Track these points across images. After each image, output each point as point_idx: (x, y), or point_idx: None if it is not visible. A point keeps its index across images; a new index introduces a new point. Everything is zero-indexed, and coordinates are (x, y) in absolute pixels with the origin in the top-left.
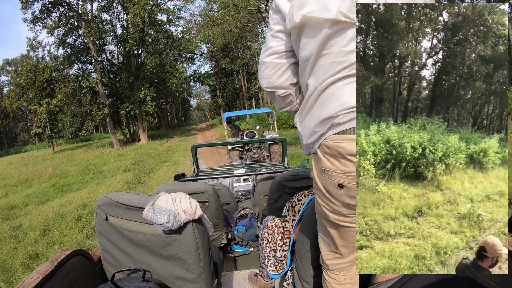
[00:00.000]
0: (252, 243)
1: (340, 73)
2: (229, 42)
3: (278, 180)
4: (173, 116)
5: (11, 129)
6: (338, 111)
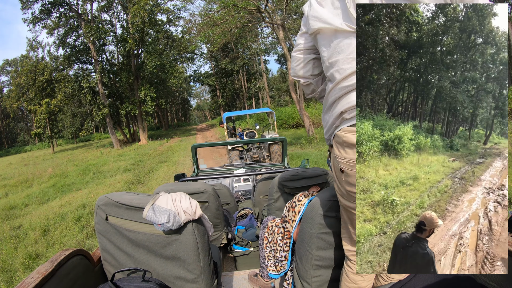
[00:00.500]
0: (252, 243)
1: (349, 77)
2: (229, 42)
3: (278, 180)
4: (173, 116)
5: (11, 129)
6: (346, 108)
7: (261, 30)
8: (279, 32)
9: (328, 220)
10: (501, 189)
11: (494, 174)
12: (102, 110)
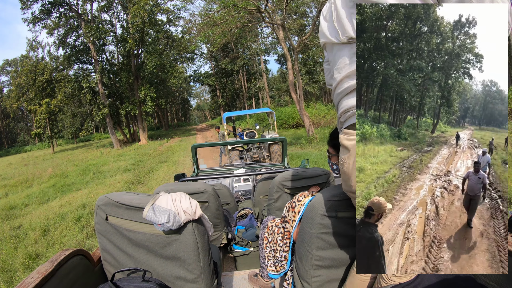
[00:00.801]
0: (252, 243)
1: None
2: (229, 42)
3: (278, 180)
4: (173, 116)
5: (11, 130)
6: (340, 112)
7: (261, 30)
8: (279, 32)
9: (328, 220)
10: (447, 175)
11: (441, 161)
12: (102, 110)
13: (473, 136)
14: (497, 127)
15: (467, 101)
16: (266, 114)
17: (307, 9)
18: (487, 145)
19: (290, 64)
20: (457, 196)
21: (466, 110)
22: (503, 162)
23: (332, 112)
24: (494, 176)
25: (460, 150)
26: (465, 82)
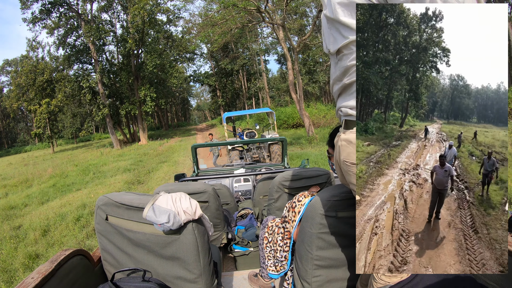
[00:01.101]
0: (252, 243)
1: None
2: (229, 42)
3: (278, 180)
4: (173, 116)
5: (11, 130)
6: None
7: (261, 30)
8: (279, 32)
9: (328, 220)
10: (416, 169)
11: (410, 155)
12: (102, 110)
13: (441, 129)
14: (464, 120)
15: (435, 95)
16: (266, 114)
17: (307, 9)
18: (455, 138)
19: (290, 64)
20: (425, 189)
21: (435, 104)
22: (470, 154)
23: (332, 112)
24: (462, 168)
25: (429, 143)
26: (433, 76)
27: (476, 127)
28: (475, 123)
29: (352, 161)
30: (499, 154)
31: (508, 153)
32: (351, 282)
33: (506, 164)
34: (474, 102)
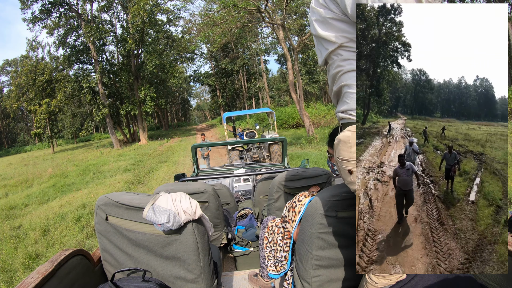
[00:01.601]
0: (252, 243)
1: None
2: (229, 42)
3: (278, 180)
4: (173, 116)
5: (11, 130)
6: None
7: (261, 30)
8: (279, 32)
9: (329, 219)
10: (381, 166)
11: (374, 153)
12: (102, 110)
13: (406, 125)
14: (428, 115)
15: (398, 90)
16: (266, 114)
17: (307, 9)
18: (420, 134)
19: (290, 64)
20: (391, 186)
21: (398, 99)
22: (435, 148)
23: (332, 112)
24: (427, 163)
25: (393, 140)
26: (394, 71)
27: (440, 122)
28: (439, 118)
29: (343, 158)
30: (462, 147)
31: (508, 153)
32: (351, 282)
33: (469, 157)
34: (437, 97)
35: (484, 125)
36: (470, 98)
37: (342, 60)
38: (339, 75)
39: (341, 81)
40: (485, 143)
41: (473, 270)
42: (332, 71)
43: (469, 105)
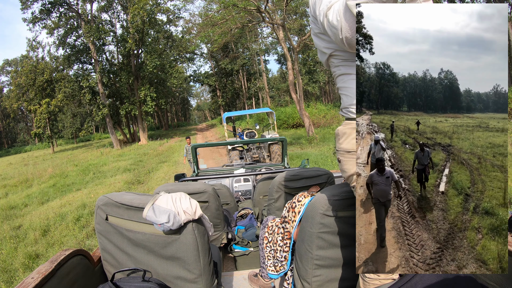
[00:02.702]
0: (252, 243)
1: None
2: (229, 42)
3: (278, 180)
4: (173, 116)
5: (11, 130)
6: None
7: (261, 30)
8: (279, 32)
9: (328, 219)
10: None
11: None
12: (102, 110)
13: (372, 120)
14: (395, 110)
15: (362, 84)
16: (266, 114)
17: (307, 9)
18: (387, 129)
19: (290, 64)
20: (359, 184)
21: (362, 94)
22: (403, 143)
23: (332, 112)
24: (396, 157)
25: (360, 136)
26: (357, 65)
27: (407, 115)
28: (406, 112)
29: (336, 148)
30: (430, 139)
31: (508, 153)
32: (351, 282)
33: (437, 149)
34: (402, 91)
35: (451, 117)
36: (436, 91)
37: (334, 67)
38: (335, 79)
39: (337, 84)
40: (452, 135)
41: (445, 258)
42: (333, 74)
43: (435, 98)
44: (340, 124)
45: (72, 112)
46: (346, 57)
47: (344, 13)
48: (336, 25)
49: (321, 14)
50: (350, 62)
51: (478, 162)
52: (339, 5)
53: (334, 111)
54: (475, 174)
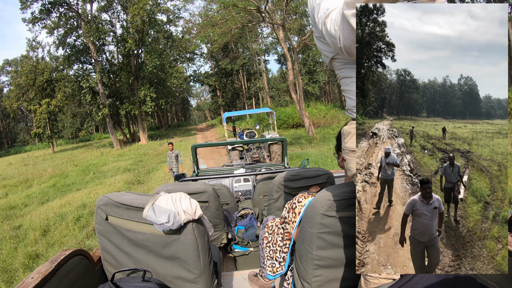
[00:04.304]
0: (252, 243)
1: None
2: (229, 42)
3: (278, 180)
4: (173, 116)
5: (11, 130)
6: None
7: (261, 30)
8: (279, 32)
9: (329, 219)
10: (368, 168)
11: (361, 154)
12: (102, 110)
13: (392, 125)
14: (414, 115)
15: (383, 91)
16: (266, 114)
17: (307, 9)
18: (406, 134)
19: (290, 64)
20: (379, 188)
21: (383, 100)
22: (422, 148)
23: (332, 112)
24: (415, 163)
25: (380, 141)
26: (379, 72)
27: (426, 121)
28: (425, 117)
29: (342, 148)
30: (449, 145)
31: (508, 153)
32: (351, 282)
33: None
34: (422, 97)
35: (470, 123)
36: (455, 97)
37: (337, 69)
38: (339, 81)
39: (341, 85)
40: (471, 141)
41: (464, 267)
42: (337, 76)
43: (454, 104)
44: (341, 124)
45: (72, 112)
46: (347, 60)
47: (341, 23)
48: (334, 34)
49: (320, 22)
50: (351, 65)
51: (498, 170)
52: (336, 14)
53: (334, 111)
54: (495, 181)
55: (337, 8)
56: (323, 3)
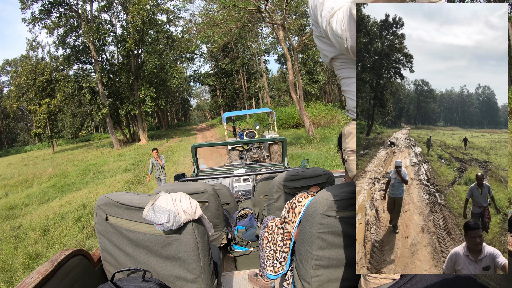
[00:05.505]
0: (252, 243)
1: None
2: (229, 42)
3: (278, 180)
4: (173, 116)
5: (11, 129)
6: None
7: (261, 30)
8: (279, 32)
9: (329, 219)
10: (386, 177)
11: (379, 163)
12: (102, 110)
13: (410, 135)
14: (432, 124)
15: (401, 101)
16: (266, 114)
17: (307, 9)
18: (424, 143)
19: (290, 64)
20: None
21: (401, 110)
22: (439, 157)
23: (332, 112)
24: (432, 172)
25: (398, 150)
26: (398, 82)
27: (443, 130)
28: (442, 126)
29: (343, 147)
30: (467, 155)
31: (508, 152)
32: (351, 282)
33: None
34: (439, 106)
35: (488, 132)
36: (473, 106)
37: (337, 69)
38: (339, 81)
39: (341, 86)
40: (490, 151)
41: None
42: (337, 76)
43: (471, 113)
44: (341, 124)
45: (72, 112)
46: (348, 61)
47: (348, 22)
48: (340, 34)
49: (324, 21)
50: (352, 65)
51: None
52: (343, 13)
53: (334, 111)
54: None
55: (343, 7)
56: (327, 2)
